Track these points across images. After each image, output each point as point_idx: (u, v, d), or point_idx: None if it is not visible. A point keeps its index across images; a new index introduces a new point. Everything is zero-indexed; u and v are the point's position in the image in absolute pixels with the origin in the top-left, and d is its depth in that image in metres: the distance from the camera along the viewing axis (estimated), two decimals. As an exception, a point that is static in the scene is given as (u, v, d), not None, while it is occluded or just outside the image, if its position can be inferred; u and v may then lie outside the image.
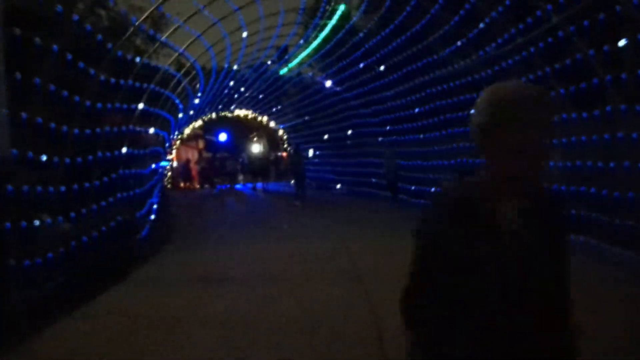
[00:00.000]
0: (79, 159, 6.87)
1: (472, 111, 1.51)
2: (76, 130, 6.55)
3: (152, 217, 11.57)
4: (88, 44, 6.63)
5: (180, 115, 15.59)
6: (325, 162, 23.38)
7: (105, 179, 8.01)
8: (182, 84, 12.35)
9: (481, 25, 10.31)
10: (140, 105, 8.86)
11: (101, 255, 7.86)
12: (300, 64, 16.27)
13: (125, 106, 8.07)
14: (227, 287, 6.73)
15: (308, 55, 15.12)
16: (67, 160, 6.54)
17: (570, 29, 8.06)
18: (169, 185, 27.44)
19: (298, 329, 5.09)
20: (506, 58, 10.47)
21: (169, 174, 27.99)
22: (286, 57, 15.95)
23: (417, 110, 14.01)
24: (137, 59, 7.96)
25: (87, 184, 7.32)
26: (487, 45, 10.86)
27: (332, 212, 14.43)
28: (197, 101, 17.10)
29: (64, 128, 6.17)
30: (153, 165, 13.71)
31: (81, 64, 6.17)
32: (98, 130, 7.36)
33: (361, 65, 14.53)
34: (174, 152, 28.81)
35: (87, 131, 6.96)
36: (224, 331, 5.10)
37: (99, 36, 6.67)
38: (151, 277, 7.48)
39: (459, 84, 11.99)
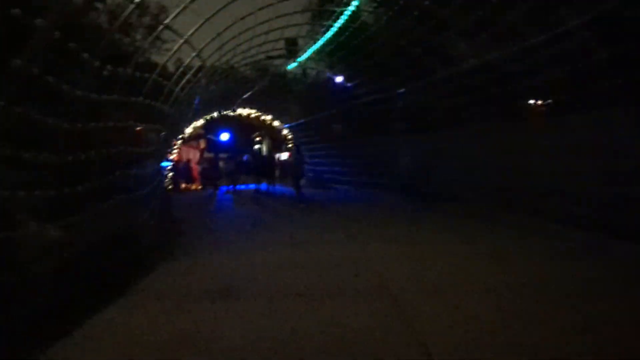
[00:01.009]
0: (70, 158, 6.03)
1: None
2: (66, 125, 5.72)
3: (154, 221, 10.74)
4: (81, 23, 5.82)
5: (183, 111, 14.84)
6: (334, 162, 22.53)
7: (102, 180, 7.19)
8: (185, 79, 11.51)
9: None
10: (140, 99, 8.01)
11: (97, 266, 7.03)
12: (310, 58, 15.44)
13: (123, 99, 7.23)
14: (236, 304, 5.89)
15: (319, 49, 14.28)
16: (57, 159, 5.71)
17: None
18: (170, 187, 26.72)
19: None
20: (526, 53, 9.70)
21: (171, 174, 27.26)
22: (295, 50, 15.08)
23: (433, 106, 13.19)
24: (138, 47, 7.09)
25: (80, 186, 6.50)
26: (511, 40, 10.07)
27: (345, 214, 13.58)
28: (197, 99, 16.34)
29: (50, 121, 5.34)
30: (154, 166, 12.90)
31: (72, 46, 5.33)
32: (93, 125, 6.51)
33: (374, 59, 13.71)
34: (175, 152, 28.06)
35: (79, 126, 6.12)
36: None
37: (94, 14, 5.83)
38: (153, 290, 6.64)
39: (484, 77, 11.17)
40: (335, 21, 12.56)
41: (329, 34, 13.64)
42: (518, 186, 10.71)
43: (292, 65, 16.74)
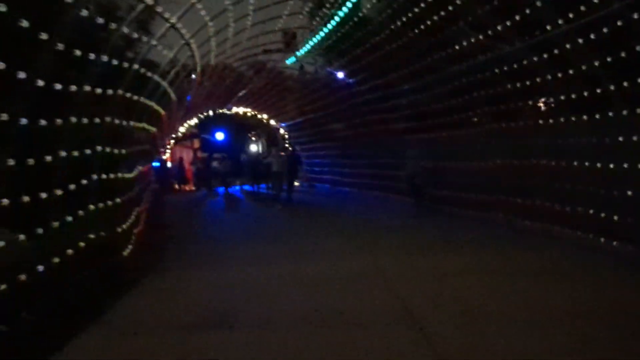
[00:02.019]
0: (31, 160, 5.03)
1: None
2: (24, 120, 4.71)
3: (139, 229, 9.74)
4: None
5: (174, 109, 13.84)
6: (334, 162, 21.55)
7: (74, 185, 6.18)
8: (175, 70, 10.49)
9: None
10: (120, 92, 7.00)
11: (66, 286, 6.04)
12: (309, 52, 14.43)
13: (98, 90, 6.22)
14: (230, 335, 4.90)
15: (319, 42, 13.27)
16: (12, 160, 4.71)
17: None
18: (162, 188, 25.65)
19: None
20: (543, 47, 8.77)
21: (163, 175, 26.20)
22: (294, 44, 14.06)
23: (445, 104, 12.21)
24: (113, 25, 6.05)
25: (45, 193, 5.50)
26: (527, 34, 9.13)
27: (350, 221, 12.56)
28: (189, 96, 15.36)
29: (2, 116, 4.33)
30: (141, 167, 11.90)
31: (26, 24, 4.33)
32: (60, 120, 5.51)
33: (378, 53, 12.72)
34: (167, 152, 27.01)
35: (43, 122, 5.12)
36: None
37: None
38: (130, 317, 5.63)
39: (498, 72, 10.20)
40: (337, 10, 11.56)
41: (329, 26, 12.65)
42: (539, 190, 9.79)
43: (290, 60, 15.73)
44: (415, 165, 12.72)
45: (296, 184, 20.01)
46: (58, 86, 5.19)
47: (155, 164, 22.07)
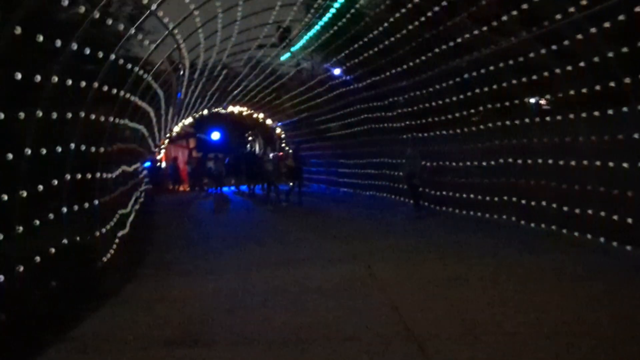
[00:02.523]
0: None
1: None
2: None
3: (123, 232, 9.20)
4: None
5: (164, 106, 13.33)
6: (330, 162, 21.04)
7: (42, 185, 5.67)
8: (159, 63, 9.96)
9: None
10: (96, 84, 6.48)
11: (34, 296, 5.53)
12: (304, 47, 13.88)
13: (70, 82, 5.69)
14: (206, 354, 4.38)
15: (314, 36, 12.72)
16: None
17: None
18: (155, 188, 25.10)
19: None
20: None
21: (156, 175, 25.66)
22: (289, 39, 13.48)
23: (446, 100, 11.69)
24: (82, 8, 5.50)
25: (7, 194, 4.98)
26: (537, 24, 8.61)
27: (345, 224, 12.02)
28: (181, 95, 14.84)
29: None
30: (126, 167, 11.38)
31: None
32: (22, 114, 4.98)
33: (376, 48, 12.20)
34: (162, 151, 26.47)
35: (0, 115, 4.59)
36: None
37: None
38: (100, 332, 5.10)
39: (503, 66, 9.70)
40: (332, 1, 11.00)
41: (325, 18, 12.10)
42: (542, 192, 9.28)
43: (285, 56, 15.17)
44: (413, 165, 12.18)
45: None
46: (18, 75, 4.66)
47: (147, 163, 21.63)
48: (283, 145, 27.81)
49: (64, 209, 6.30)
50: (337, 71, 14.90)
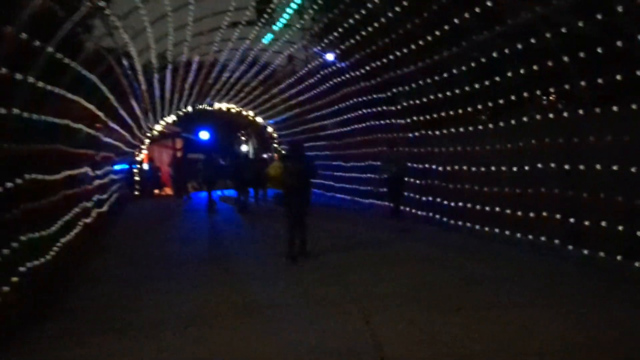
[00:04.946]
0: None
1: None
2: None
3: (37, 262, 6.82)
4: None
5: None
6: (324, 165, 18.65)
7: None
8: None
9: None
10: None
11: None
12: (289, 25, 11.45)
13: None
14: None
15: (298, 10, 10.28)
16: None
17: None
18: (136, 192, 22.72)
19: None
20: None
21: (136, 178, 23.25)
22: (269, 14, 10.93)
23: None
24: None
25: None
26: None
27: (338, 247, 9.60)
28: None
29: None
30: (70, 172, 9.09)
31: None
32: None
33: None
34: (142, 153, 24.02)
35: None
36: None
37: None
38: None
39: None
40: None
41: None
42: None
43: (268, 38, 12.70)
44: (399, 167, 11.22)
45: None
46: None
47: (120, 166, 19.25)
48: (275, 145, 25.52)
49: None
50: (330, 56, 12.50)
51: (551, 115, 7.54)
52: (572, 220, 7.32)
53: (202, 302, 6.06)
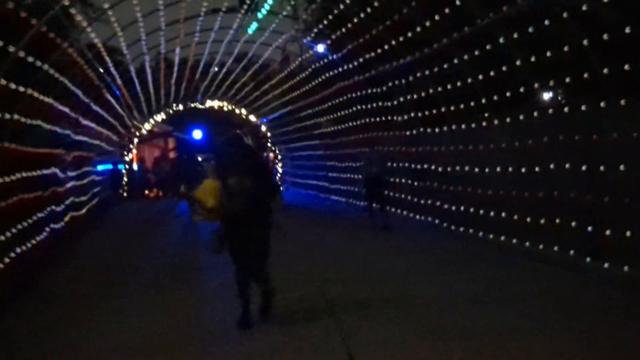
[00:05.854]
0: None
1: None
2: None
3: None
4: None
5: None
6: (318, 165, 17.79)
7: None
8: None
9: None
10: None
11: None
12: (274, 12, 10.52)
13: None
14: None
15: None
16: None
17: None
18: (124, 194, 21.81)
19: None
20: None
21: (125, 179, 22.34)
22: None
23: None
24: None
25: None
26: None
27: (333, 264, 8.67)
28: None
29: None
30: (26, 173, 8.19)
31: None
32: None
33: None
34: (130, 152, 23.13)
35: None
36: None
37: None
38: None
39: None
40: None
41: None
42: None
43: (252, 27, 11.77)
44: (380, 167, 10.51)
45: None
46: None
47: (105, 166, 18.38)
48: (269, 144, 24.63)
49: None
50: (321, 47, 11.59)
51: (566, 110, 6.63)
52: (589, 228, 6.45)
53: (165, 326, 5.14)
